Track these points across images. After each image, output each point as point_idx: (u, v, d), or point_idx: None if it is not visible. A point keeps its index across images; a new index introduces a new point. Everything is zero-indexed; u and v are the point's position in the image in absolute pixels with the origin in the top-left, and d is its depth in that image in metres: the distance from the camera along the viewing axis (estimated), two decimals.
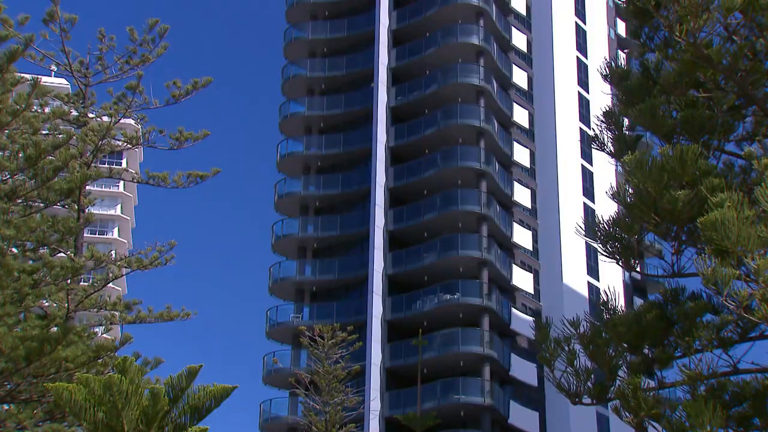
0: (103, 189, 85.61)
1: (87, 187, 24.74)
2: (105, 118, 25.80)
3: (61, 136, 21.14)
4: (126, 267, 25.56)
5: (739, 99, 11.38)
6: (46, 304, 24.71)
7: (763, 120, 11.57)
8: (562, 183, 62.40)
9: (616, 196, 12.16)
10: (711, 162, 11.54)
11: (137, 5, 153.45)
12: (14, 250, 23.02)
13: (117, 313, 25.69)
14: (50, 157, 21.11)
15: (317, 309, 59.39)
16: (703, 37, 11.27)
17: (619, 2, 15.56)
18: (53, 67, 26.04)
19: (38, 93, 20.05)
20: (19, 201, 22.27)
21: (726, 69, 10.85)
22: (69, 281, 22.95)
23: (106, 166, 28.89)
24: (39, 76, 19.94)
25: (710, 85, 11.50)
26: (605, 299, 13.09)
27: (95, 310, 25.57)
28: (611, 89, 15.19)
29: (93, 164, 24.20)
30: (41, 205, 22.84)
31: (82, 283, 25.60)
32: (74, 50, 26.06)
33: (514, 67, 65.07)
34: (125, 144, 26.59)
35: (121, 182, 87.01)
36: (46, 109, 23.79)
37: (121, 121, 26.63)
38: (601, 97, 59.74)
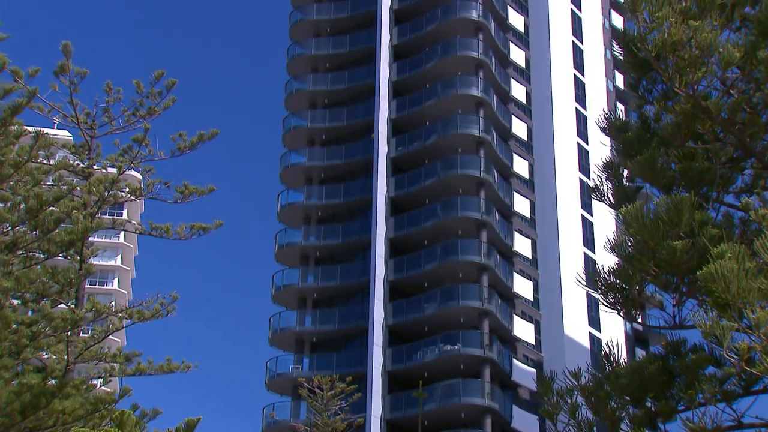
0: (104, 240, 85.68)
1: (89, 238, 24.75)
2: (110, 170, 25.89)
3: (64, 187, 21.20)
4: (127, 318, 25.45)
5: (738, 151, 11.46)
6: (45, 356, 24.57)
7: (762, 172, 11.64)
8: (562, 233, 62.43)
9: (615, 248, 12.17)
10: (710, 213, 11.58)
11: (141, 58, 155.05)
12: (15, 301, 22.97)
13: (117, 366, 25.52)
14: (52, 209, 21.17)
15: (317, 360, 59.04)
16: (701, 90, 11.38)
17: (618, 55, 15.72)
18: (56, 119, 26.21)
19: (41, 145, 20.17)
20: (20, 252, 22.28)
21: (724, 121, 10.94)
22: (69, 333, 22.85)
23: (108, 217, 28.92)
24: (42, 129, 20.09)
25: (709, 137, 11.58)
26: (607, 351, 13.03)
27: (95, 362, 25.40)
28: (610, 141, 15.29)
29: (97, 215, 24.24)
30: (42, 256, 22.83)
31: (81, 335, 25.47)
32: (81, 102, 26.26)
33: (514, 118, 65.54)
34: (129, 196, 26.65)
35: (122, 233, 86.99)
36: (52, 161, 23.89)
37: (125, 173, 26.73)
38: (601, 148, 60.07)
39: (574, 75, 69.02)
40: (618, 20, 73.99)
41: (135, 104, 25.90)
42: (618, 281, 12.47)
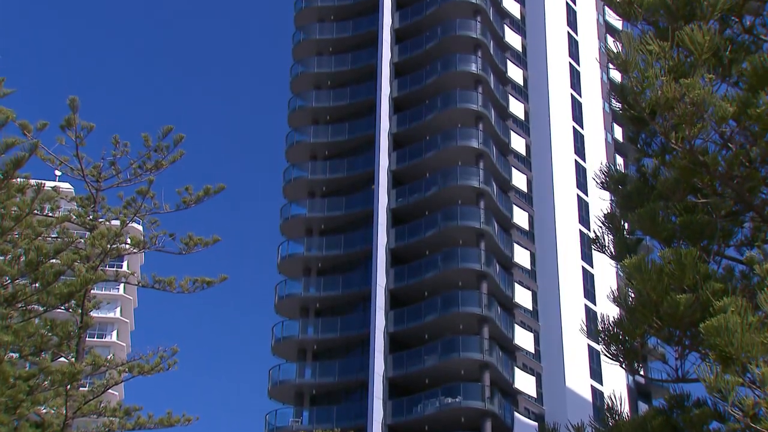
0: (103, 292, 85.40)
1: (91, 291, 24.66)
2: (115, 222, 25.89)
3: (66, 239, 21.20)
4: (127, 372, 25.25)
5: (737, 205, 11.51)
6: (44, 410, 24.33)
7: (762, 225, 11.68)
8: (563, 284, 62.29)
9: (617, 299, 12.15)
10: (712, 267, 11.58)
11: (144, 110, 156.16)
12: (14, 355, 22.82)
13: (116, 420, 25.25)
14: (53, 261, 21.16)
15: (317, 413, 58.51)
16: (699, 144, 11.46)
17: (616, 108, 15.87)
18: (61, 172, 26.33)
19: (43, 198, 20.24)
20: (19, 305, 22.20)
21: (722, 175, 11.01)
22: (68, 387, 22.66)
23: (110, 269, 28.86)
24: (43, 181, 20.19)
25: (708, 191, 11.64)
26: (610, 404, 12.93)
27: (94, 416, 25.15)
28: (610, 194, 15.33)
29: (100, 268, 24.20)
30: (41, 309, 22.73)
31: (80, 389, 25.26)
32: (87, 155, 26.41)
33: (514, 170, 65.85)
34: (132, 248, 26.63)
35: (122, 285, 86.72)
36: (56, 213, 23.94)
37: (128, 224, 26.70)
38: (600, 199, 60.18)
39: (573, 127, 69.48)
40: (616, 73, 74.68)
41: (142, 157, 26.07)
42: (620, 333, 12.43)
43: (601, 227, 14.83)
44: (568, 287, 62.71)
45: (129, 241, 26.23)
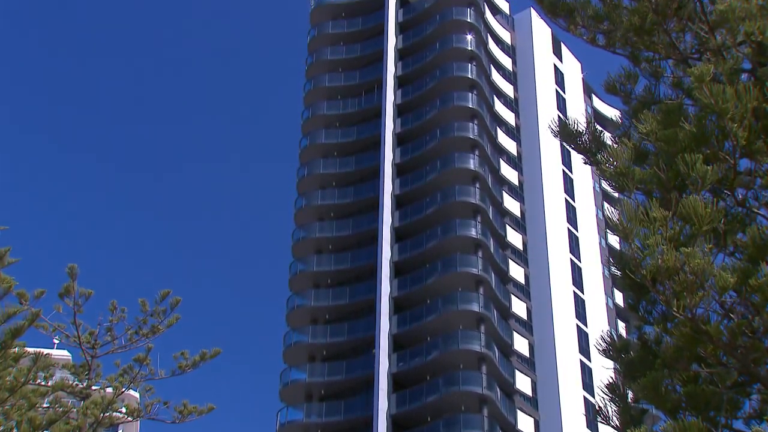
0: None
1: None
2: (109, 389, 25.55)
3: (60, 409, 20.82)
4: None
5: (743, 376, 11.34)
6: None
7: None
8: (564, 414, 61.49)
9: None
10: None
11: (146, 276, 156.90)
12: None
13: None
14: None
15: None
16: (700, 313, 11.40)
17: (616, 274, 15.89)
18: (57, 339, 26.19)
19: (40, 367, 20.05)
20: None
21: (726, 346, 10.90)
22: None
23: None
24: (41, 350, 20.04)
25: (712, 361, 11.48)
26: None
27: None
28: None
29: None
30: None
31: None
32: (84, 322, 26.34)
33: (515, 334, 65.57)
34: (126, 417, 26.15)
35: None
36: (51, 381, 23.65)
37: (123, 392, 26.34)
38: (603, 364, 59.80)
39: (574, 292, 69.63)
40: (614, 239, 75.61)
41: (138, 323, 26.00)
42: None
43: (604, 398, 14.57)
44: (570, 416, 61.77)
45: (124, 409, 25.76)
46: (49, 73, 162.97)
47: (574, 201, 74.60)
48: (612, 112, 77.01)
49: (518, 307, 67.25)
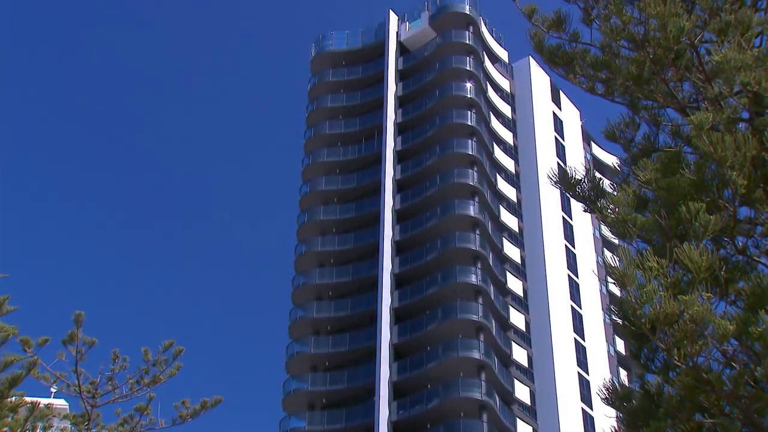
0: None
1: None
2: None
3: None
4: None
5: (746, 426, 11.21)
6: None
7: None
8: None
9: None
10: None
11: (146, 317, 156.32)
12: None
13: None
14: None
15: None
16: (702, 362, 11.30)
17: (617, 322, 15.80)
18: (56, 389, 25.91)
19: (36, 417, 19.79)
20: None
21: (728, 395, 10.79)
22: None
23: None
24: (38, 400, 19.81)
25: (715, 411, 11.37)
26: None
27: None
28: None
29: None
30: None
31: None
32: (86, 370, 26.09)
33: (516, 381, 65.09)
34: None
35: None
36: (50, 431, 23.34)
37: None
38: (607, 413, 59.12)
39: (575, 339, 69.24)
40: (614, 286, 75.44)
41: (140, 372, 25.77)
42: None
43: None
44: None
45: None
46: (31, 125, 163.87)
47: (574, 247, 74.54)
48: (611, 159, 77.32)
49: (519, 354, 66.82)
